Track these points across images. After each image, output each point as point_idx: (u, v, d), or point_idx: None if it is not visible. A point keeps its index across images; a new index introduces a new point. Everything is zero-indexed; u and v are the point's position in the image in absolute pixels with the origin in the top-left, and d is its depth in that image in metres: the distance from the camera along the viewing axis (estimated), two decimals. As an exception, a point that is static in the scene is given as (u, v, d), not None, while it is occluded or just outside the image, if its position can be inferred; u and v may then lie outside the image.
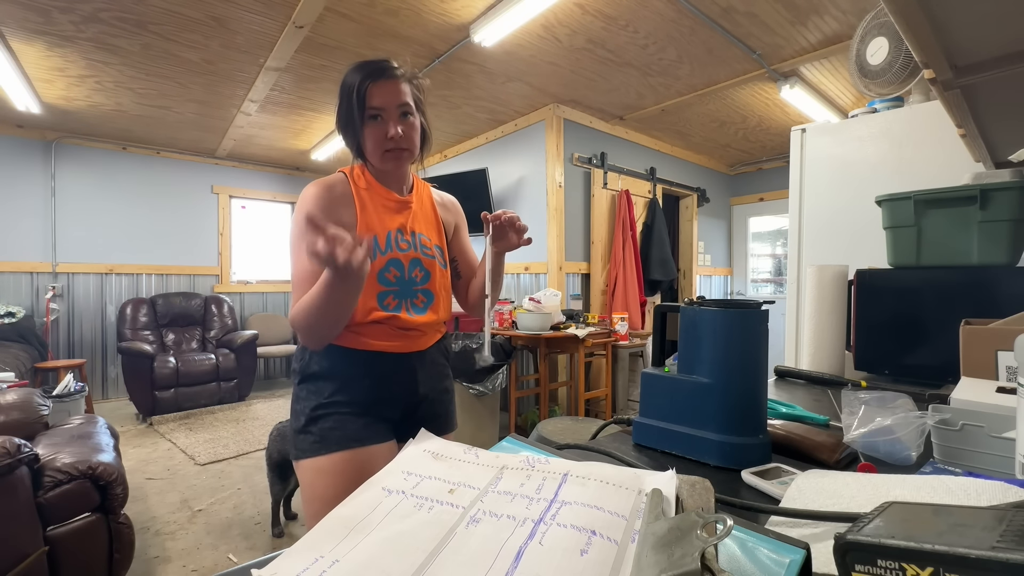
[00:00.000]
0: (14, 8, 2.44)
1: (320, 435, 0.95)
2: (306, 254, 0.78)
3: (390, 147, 0.96)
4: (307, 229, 0.73)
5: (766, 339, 0.62)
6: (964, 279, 1.17)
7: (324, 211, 0.92)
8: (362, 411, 0.97)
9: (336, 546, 0.38)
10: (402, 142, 0.96)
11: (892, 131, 1.92)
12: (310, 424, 0.95)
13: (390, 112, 0.95)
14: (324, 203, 0.94)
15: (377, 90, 0.94)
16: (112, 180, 4.65)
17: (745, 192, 5.72)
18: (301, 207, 0.94)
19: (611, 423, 0.80)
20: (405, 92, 0.97)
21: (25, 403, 1.77)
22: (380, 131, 0.95)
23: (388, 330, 0.98)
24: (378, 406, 0.99)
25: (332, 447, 0.94)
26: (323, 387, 0.97)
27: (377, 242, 0.97)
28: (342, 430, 0.95)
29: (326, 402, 0.96)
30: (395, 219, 1.01)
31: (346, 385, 0.97)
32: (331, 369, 0.97)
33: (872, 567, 0.27)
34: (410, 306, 1.00)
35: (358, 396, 0.97)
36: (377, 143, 0.96)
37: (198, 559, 1.99)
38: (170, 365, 4.03)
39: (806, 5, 2.51)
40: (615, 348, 3.42)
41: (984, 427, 0.58)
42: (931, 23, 0.64)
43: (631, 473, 0.43)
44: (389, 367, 0.99)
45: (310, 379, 0.98)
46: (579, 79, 3.35)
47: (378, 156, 0.98)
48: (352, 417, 0.96)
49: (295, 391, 1.00)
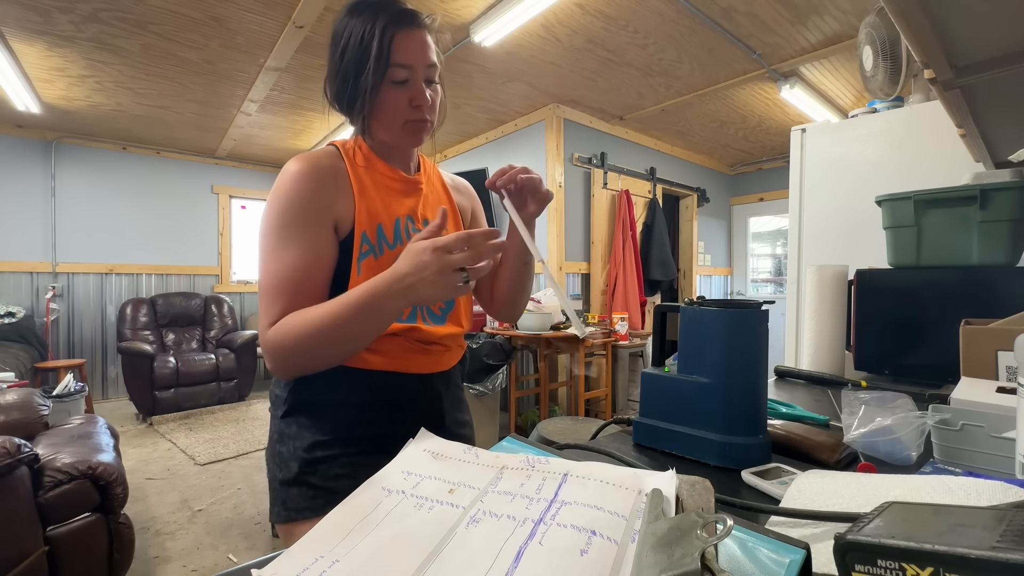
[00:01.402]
0: (14, 8, 2.44)
1: (322, 486, 0.73)
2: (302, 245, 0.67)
3: (415, 117, 0.75)
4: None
5: (766, 339, 0.62)
6: (964, 279, 1.17)
7: (311, 194, 0.71)
8: (371, 449, 0.75)
9: (336, 546, 0.38)
10: (427, 111, 0.76)
11: (892, 131, 1.92)
12: (307, 471, 0.73)
13: (417, 72, 0.74)
14: (311, 184, 0.72)
15: (405, 42, 0.72)
16: (112, 180, 4.65)
17: (745, 192, 5.72)
18: (281, 190, 0.71)
19: (611, 423, 0.80)
20: (433, 50, 0.76)
21: (25, 403, 1.77)
22: (403, 96, 0.74)
23: (406, 344, 0.78)
24: (394, 440, 0.72)
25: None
26: (321, 419, 0.75)
27: (383, 233, 0.76)
28: (353, 477, 0.67)
29: (326, 439, 0.75)
30: (403, 203, 0.80)
31: (353, 417, 0.76)
32: (331, 395, 0.75)
33: (872, 567, 0.27)
34: (427, 314, 0.81)
35: (369, 431, 0.77)
36: (397, 112, 0.75)
37: (198, 559, 1.99)
38: (170, 365, 4.03)
39: (806, 5, 2.51)
40: (615, 348, 3.42)
41: (984, 427, 0.58)
42: (931, 23, 0.64)
43: (631, 473, 0.42)
44: (409, 393, 0.79)
45: (301, 410, 0.76)
46: (579, 79, 3.35)
47: (395, 129, 0.76)
48: (362, 457, 0.75)
49: (278, 428, 0.77)
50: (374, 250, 0.75)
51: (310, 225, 0.71)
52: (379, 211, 0.77)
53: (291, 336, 0.66)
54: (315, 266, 0.71)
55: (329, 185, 0.74)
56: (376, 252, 0.75)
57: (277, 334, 0.67)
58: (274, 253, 0.70)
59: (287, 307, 0.69)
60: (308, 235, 0.71)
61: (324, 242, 0.72)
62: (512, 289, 0.89)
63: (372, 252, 0.74)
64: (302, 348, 0.66)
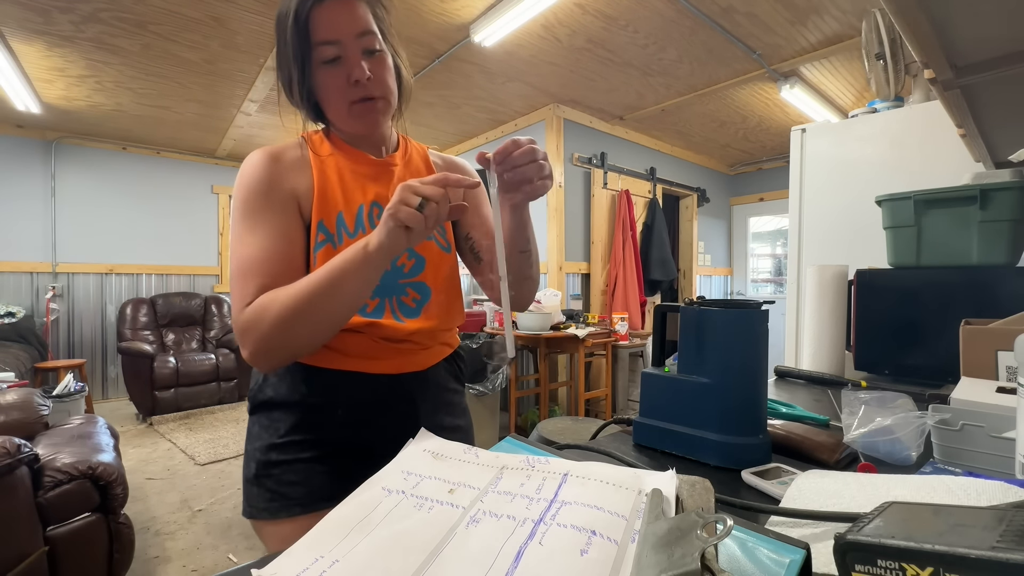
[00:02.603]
0: (14, 8, 2.44)
1: (276, 490, 0.70)
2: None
3: (357, 96, 0.69)
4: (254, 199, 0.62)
5: (766, 339, 0.62)
6: (964, 279, 1.17)
7: (270, 184, 0.69)
8: (333, 454, 0.72)
9: (336, 546, 0.38)
10: (373, 88, 0.69)
11: (892, 131, 1.92)
12: (262, 473, 0.71)
13: (349, 46, 0.67)
14: (270, 171, 0.70)
15: (325, 14, 0.66)
16: (112, 180, 4.65)
17: (745, 192, 5.72)
18: (243, 179, 0.70)
19: (611, 423, 0.80)
20: (365, 16, 0.68)
21: (25, 403, 1.77)
22: (339, 76, 0.68)
23: (368, 342, 0.72)
24: (357, 448, 0.73)
25: (294, 508, 0.69)
26: (278, 421, 0.72)
27: (343, 221, 0.71)
28: (306, 484, 0.70)
29: (282, 442, 0.71)
30: (369, 189, 0.75)
31: (310, 417, 0.72)
32: (290, 395, 0.72)
33: (872, 567, 0.27)
34: (396, 307, 0.74)
35: (328, 433, 0.72)
36: (338, 94, 0.69)
37: (198, 559, 1.99)
38: (170, 365, 4.03)
39: (806, 5, 2.51)
40: (615, 348, 3.42)
41: (984, 427, 0.58)
42: (931, 23, 0.64)
43: (631, 473, 0.42)
44: (373, 394, 0.73)
45: (261, 409, 0.74)
46: (579, 79, 3.35)
47: (343, 113, 0.70)
48: (319, 464, 0.71)
49: (248, 425, 0.76)
50: (332, 239, 0.70)
51: (276, 210, 0.68)
52: (338, 199, 0.72)
53: (269, 312, 0.61)
54: (286, 247, 0.68)
55: (290, 172, 0.71)
56: (335, 241, 0.70)
57: (252, 311, 0.62)
58: (243, 239, 0.67)
59: (263, 287, 0.64)
60: (275, 219, 0.68)
61: (292, 226, 0.69)
62: (515, 279, 0.78)
63: (330, 241, 0.70)
64: (281, 323, 0.60)
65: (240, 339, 0.63)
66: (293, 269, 0.67)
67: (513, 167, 0.61)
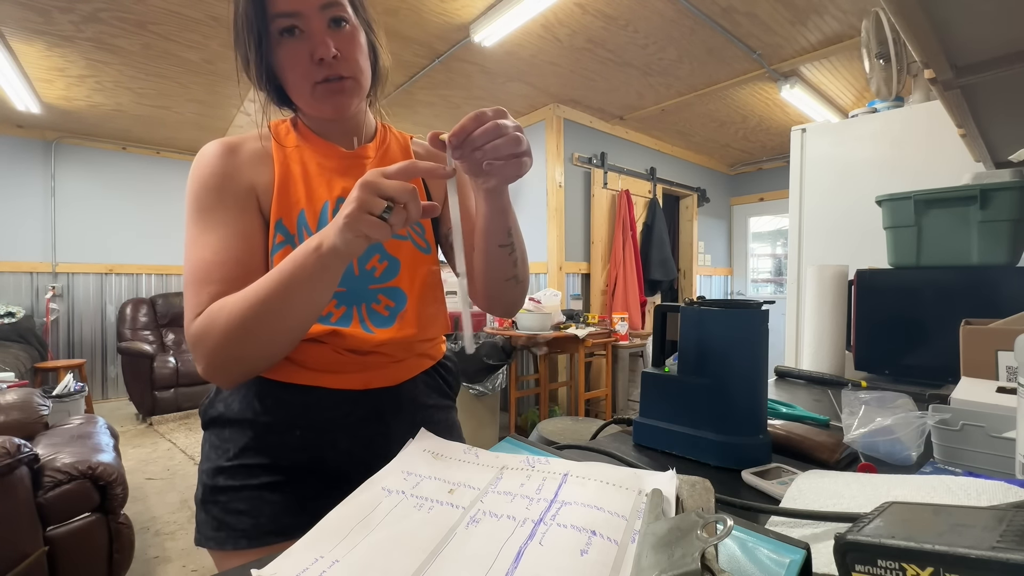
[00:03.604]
0: (14, 8, 2.44)
1: (222, 519, 0.62)
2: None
3: (322, 76, 0.60)
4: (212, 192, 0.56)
5: (766, 339, 0.62)
6: (964, 279, 1.17)
7: (225, 179, 0.62)
8: (287, 482, 0.63)
9: (336, 546, 0.38)
10: (340, 66, 0.60)
11: (892, 131, 1.92)
12: (208, 499, 0.63)
13: (311, 19, 0.59)
14: (226, 164, 0.63)
15: None
16: (112, 180, 4.65)
17: (745, 192, 5.72)
18: (195, 173, 0.62)
19: (611, 423, 0.80)
20: None
21: (25, 403, 1.77)
22: (301, 53, 0.59)
23: (330, 353, 0.64)
24: (317, 474, 0.64)
25: (240, 541, 0.61)
26: (228, 440, 0.64)
27: (304, 220, 0.63)
28: (254, 516, 0.61)
29: (230, 465, 0.63)
30: (336, 184, 0.66)
31: (263, 438, 0.63)
32: (241, 412, 0.64)
33: (872, 567, 0.27)
34: (366, 315, 0.65)
35: (286, 458, 0.63)
36: (301, 73, 0.60)
37: (198, 559, 1.98)
38: (170, 365, 4.03)
39: (806, 5, 2.51)
40: (615, 348, 3.42)
41: (984, 427, 0.58)
42: (931, 23, 0.64)
43: (631, 473, 0.43)
44: (336, 412, 0.65)
45: (213, 425, 0.66)
46: (579, 79, 3.35)
47: (306, 94, 0.62)
48: (270, 492, 0.62)
49: (201, 442, 0.69)
50: (291, 240, 0.63)
51: (232, 208, 0.61)
52: (300, 196, 0.64)
53: (217, 322, 0.54)
54: (244, 249, 0.60)
55: (248, 166, 0.64)
56: (295, 242, 0.62)
57: (202, 322, 0.55)
58: (196, 241, 0.59)
59: (215, 295, 0.57)
60: (231, 218, 0.61)
61: (251, 226, 0.62)
62: (490, 276, 0.68)
63: (289, 242, 0.62)
64: (230, 334, 0.53)
65: (192, 352, 0.56)
66: (251, 273, 0.59)
67: (474, 148, 0.50)
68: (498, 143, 0.50)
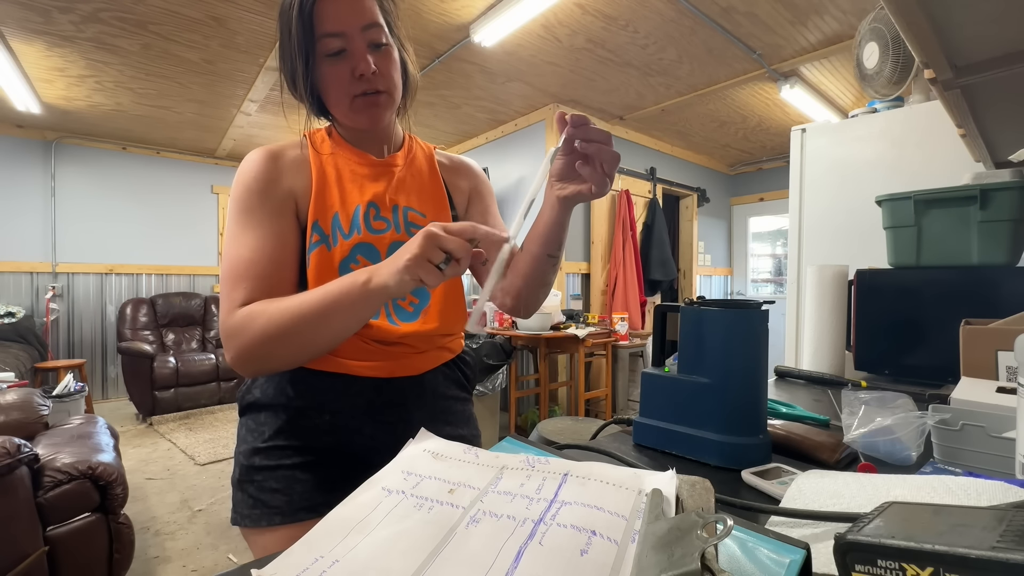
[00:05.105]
0: (14, 8, 2.44)
1: (258, 497, 0.68)
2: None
3: (360, 90, 0.67)
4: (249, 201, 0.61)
5: (766, 339, 0.62)
6: (964, 279, 1.17)
7: (267, 184, 0.69)
8: (317, 462, 0.70)
9: (336, 546, 0.38)
10: (377, 81, 0.67)
11: (892, 131, 1.92)
12: (245, 478, 0.70)
13: (354, 39, 0.65)
14: (269, 170, 0.69)
15: (330, 5, 0.64)
16: (112, 180, 4.65)
17: (745, 192, 5.72)
18: (240, 178, 0.69)
19: (611, 423, 0.80)
20: (372, 8, 0.67)
21: (25, 403, 1.77)
22: (343, 70, 0.66)
23: (357, 343, 0.70)
24: (344, 456, 0.71)
25: (274, 517, 0.67)
26: (264, 424, 0.70)
27: (339, 222, 0.70)
28: (287, 492, 0.68)
29: (265, 446, 0.69)
30: (368, 189, 0.73)
31: (295, 422, 0.70)
32: (276, 397, 0.70)
33: (872, 567, 0.27)
34: (392, 310, 0.73)
35: (313, 440, 0.70)
36: (341, 87, 0.67)
37: (198, 559, 1.99)
38: (170, 365, 4.03)
39: (806, 5, 2.51)
40: (615, 348, 3.42)
41: (984, 427, 0.58)
42: (931, 23, 0.64)
43: (631, 473, 0.42)
44: (362, 398, 0.71)
45: (249, 410, 0.73)
46: (579, 79, 3.35)
47: (345, 107, 0.69)
48: (301, 472, 0.69)
49: (237, 426, 0.75)
50: (326, 240, 0.69)
51: (271, 211, 0.68)
52: (335, 200, 0.71)
53: (256, 323, 0.60)
54: (280, 250, 0.67)
55: (288, 172, 0.71)
56: (329, 243, 0.69)
57: (240, 318, 0.61)
58: (236, 239, 0.66)
59: (252, 291, 0.63)
60: (270, 220, 0.67)
61: (287, 228, 0.69)
62: (533, 283, 0.75)
63: (324, 242, 0.69)
64: (265, 337, 0.59)
65: (224, 342, 0.62)
66: (283, 272, 0.67)
67: (588, 139, 0.57)
68: (607, 151, 0.57)
